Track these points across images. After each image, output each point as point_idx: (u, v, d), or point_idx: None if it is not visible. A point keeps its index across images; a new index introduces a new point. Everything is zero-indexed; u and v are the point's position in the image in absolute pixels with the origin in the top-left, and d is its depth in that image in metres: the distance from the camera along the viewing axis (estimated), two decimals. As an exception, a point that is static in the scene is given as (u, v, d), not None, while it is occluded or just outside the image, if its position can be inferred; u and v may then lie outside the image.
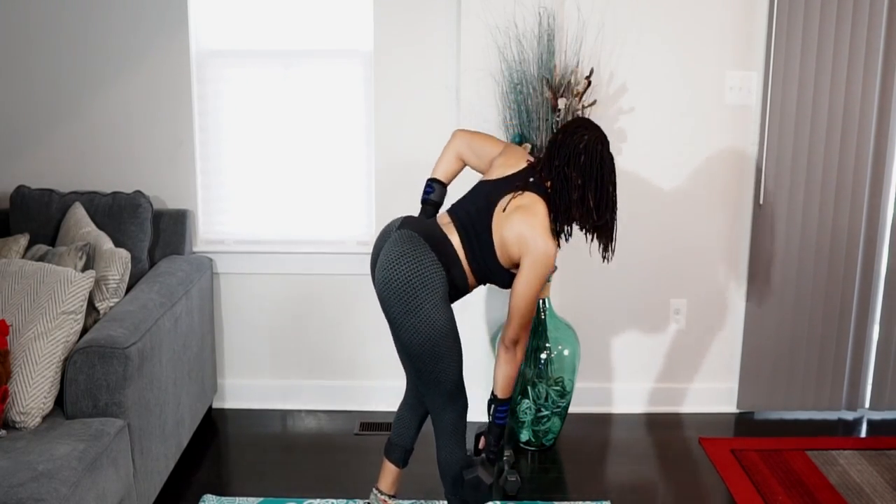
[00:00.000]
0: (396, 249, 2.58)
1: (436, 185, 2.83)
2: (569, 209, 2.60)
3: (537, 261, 2.52)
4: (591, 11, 3.54)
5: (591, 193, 2.59)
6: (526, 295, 2.55)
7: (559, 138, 2.62)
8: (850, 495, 3.23)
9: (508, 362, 2.63)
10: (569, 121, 2.70)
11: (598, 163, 2.59)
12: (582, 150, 2.58)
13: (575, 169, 2.57)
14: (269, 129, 3.77)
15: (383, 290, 2.58)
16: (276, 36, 3.69)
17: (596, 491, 3.30)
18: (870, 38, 3.56)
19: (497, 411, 2.67)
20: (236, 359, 3.92)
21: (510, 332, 2.60)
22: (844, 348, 3.82)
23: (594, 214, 2.62)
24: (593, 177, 2.59)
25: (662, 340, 3.91)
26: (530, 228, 2.53)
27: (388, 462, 2.96)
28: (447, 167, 2.85)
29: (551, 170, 2.60)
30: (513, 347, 2.62)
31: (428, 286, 2.53)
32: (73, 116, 3.70)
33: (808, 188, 3.68)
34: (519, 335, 2.60)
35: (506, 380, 2.65)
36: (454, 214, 2.69)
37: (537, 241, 2.52)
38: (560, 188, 2.59)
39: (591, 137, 2.60)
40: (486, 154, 2.79)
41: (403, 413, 2.96)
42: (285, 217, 3.84)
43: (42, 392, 2.67)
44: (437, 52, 3.64)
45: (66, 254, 3.10)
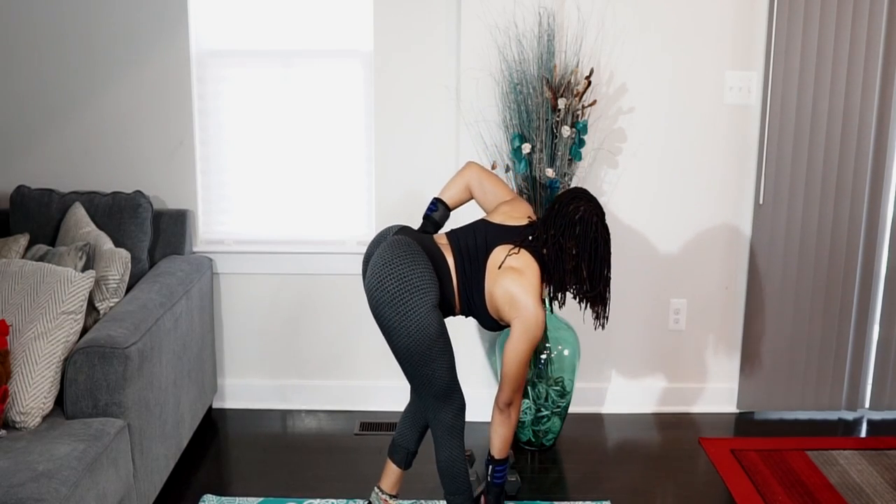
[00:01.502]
0: (392, 252, 2.59)
1: (440, 206, 2.87)
2: (562, 278, 2.64)
3: (528, 326, 2.57)
4: (591, 11, 3.54)
5: (585, 264, 2.63)
6: (516, 360, 2.60)
7: (556, 207, 2.66)
8: (850, 495, 3.23)
9: (503, 424, 2.70)
10: (565, 190, 2.75)
11: (592, 235, 2.62)
12: (577, 220, 2.61)
13: (570, 239, 2.61)
14: (269, 129, 3.77)
15: (375, 292, 2.58)
16: (276, 36, 3.69)
17: (596, 491, 3.30)
18: (870, 38, 3.56)
19: (495, 471, 2.75)
20: (236, 359, 3.92)
21: (503, 395, 2.66)
22: (844, 348, 3.83)
23: (587, 285, 2.65)
24: (587, 249, 2.62)
25: (662, 340, 3.91)
26: (523, 292, 2.57)
27: (391, 462, 2.97)
28: (455, 193, 2.89)
29: (547, 238, 2.63)
30: (507, 409, 2.69)
31: (421, 291, 2.54)
32: (73, 116, 3.70)
33: (808, 188, 3.68)
34: (512, 398, 2.67)
35: (502, 441, 2.72)
36: (452, 239, 2.73)
37: (529, 307, 2.56)
38: (555, 257, 2.62)
39: (586, 209, 2.63)
40: (494, 195, 2.84)
41: (408, 415, 2.97)
42: (285, 217, 3.84)
43: (42, 392, 2.67)
44: (437, 52, 3.64)
45: (66, 254, 3.10)
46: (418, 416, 2.94)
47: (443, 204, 2.86)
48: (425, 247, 2.64)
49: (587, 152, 3.57)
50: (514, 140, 3.42)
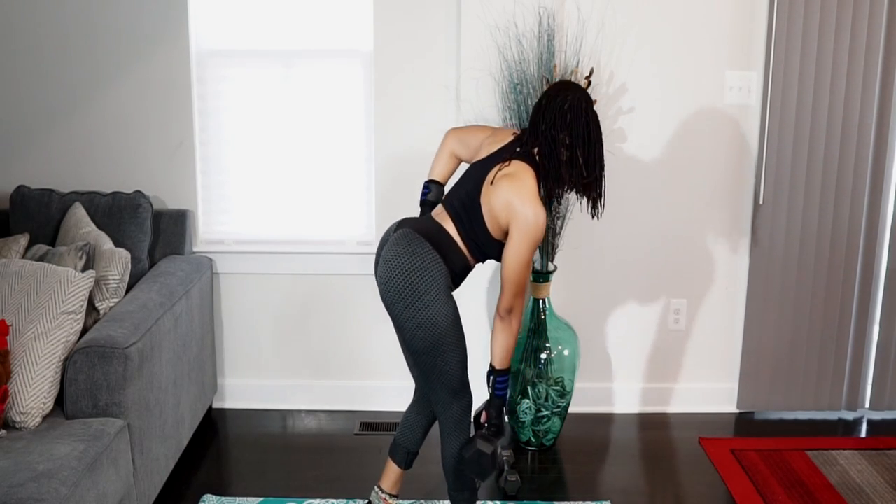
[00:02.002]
0: (393, 249, 2.60)
1: (432, 186, 2.88)
2: (558, 170, 2.60)
3: (526, 227, 2.52)
4: (591, 11, 3.54)
5: (581, 150, 2.60)
6: (517, 263, 2.55)
7: (543, 103, 2.63)
8: (850, 495, 3.23)
9: (504, 331, 2.62)
10: (551, 85, 2.71)
11: (584, 120, 2.60)
12: (567, 109, 2.59)
13: (562, 129, 2.58)
14: (270, 129, 3.77)
15: (385, 290, 2.60)
16: (276, 36, 3.69)
17: (596, 491, 3.30)
18: (870, 38, 3.56)
19: (497, 383, 2.66)
20: (236, 359, 3.92)
21: (504, 301, 2.59)
22: (844, 348, 3.83)
23: (584, 171, 2.62)
24: (580, 134, 2.59)
25: (662, 340, 3.91)
26: (517, 195, 2.53)
27: (392, 462, 2.96)
28: (442, 167, 2.89)
29: (538, 134, 2.61)
30: (508, 316, 2.61)
31: (427, 279, 2.54)
32: (72, 116, 3.70)
33: (808, 188, 3.68)
34: (513, 304, 2.59)
35: (503, 350, 2.64)
36: (447, 203, 2.71)
37: (525, 208, 2.52)
38: (549, 151, 2.60)
39: (574, 97, 2.61)
40: (475, 142, 2.82)
41: (410, 415, 2.96)
42: (285, 217, 3.84)
43: (42, 392, 2.67)
44: (437, 52, 3.64)
45: (66, 254, 3.10)
46: (421, 417, 2.94)
47: (434, 183, 2.86)
48: (423, 230, 2.63)
49: (587, 152, 3.57)
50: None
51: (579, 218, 3.62)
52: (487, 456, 2.61)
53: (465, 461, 2.64)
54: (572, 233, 3.67)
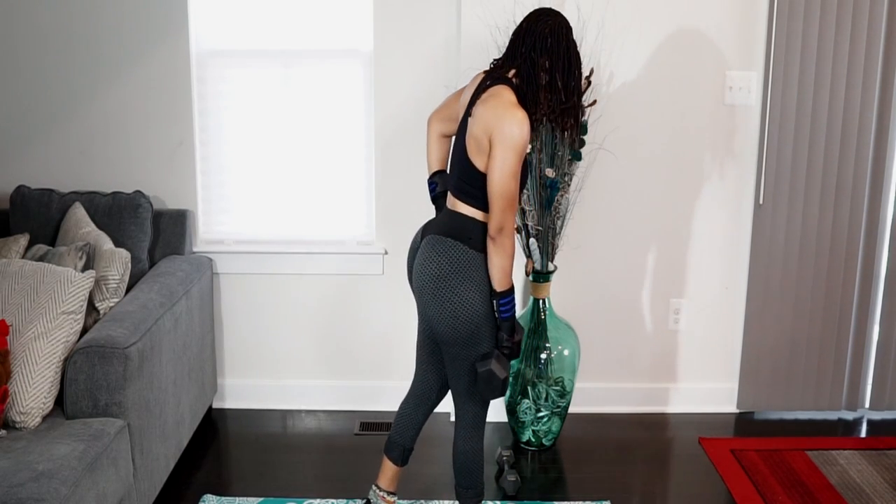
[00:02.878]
0: (423, 257, 2.64)
1: (436, 178, 2.86)
2: (536, 94, 2.59)
3: (510, 134, 2.47)
4: (591, 11, 3.53)
5: (560, 74, 2.59)
6: (503, 174, 2.49)
7: (523, 26, 2.63)
8: (850, 495, 3.23)
9: (497, 253, 2.57)
10: (530, 12, 2.69)
11: (564, 44, 2.59)
12: (548, 33, 2.58)
13: (542, 53, 2.57)
14: (270, 128, 3.77)
15: (420, 295, 2.65)
16: (276, 36, 3.69)
17: (596, 491, 3.30)
18: (870, 39, 3.56)
19: (501, 305, 2.62)
20: (236, 359, 3.92)
21: (494, 220, 2.54)
22: (844, 348, 3.82)
23: (562, 95, 2.60)
24: (560, 58, 2.58)
25: (662, 340, 3.91)
26: (493, 108, 2.51)
27: (388, 460, 2.96)
28: (436, 153, 2.88)
29: (516, 57, 2.60)
30: (499, 236, 2.55)
31: (458, 272, 2.57)
32: (72, 116, 3.70)
33: (808, 188, 3.68)
34: (503, 221, 2.53)
35: (500, 272, 2.58)
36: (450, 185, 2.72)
37: (504, 116, 2.49)
38: (528, 74, 2.58)
39: (555, 22, 2.61)
40: (454, 110, 2.80)
41: (406, 410, 2.96)
42: (285, 217, 3.84)
43: (42, 392, 2.67)
44: (437, 52, 3.64)
45: (66, 254, 3.10)
46: (417, 413, 2.94)
47: (436, 174, 2.86)
48: (444, 229, 2.64)
49: (587, 152, 3.57)
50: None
51: (579, 218, 3.62)
52: (499, 378, 2.61)
53: (478, 376, 2.63)
54: (572, 233, 3.66)
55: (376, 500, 2.97)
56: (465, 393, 2.70)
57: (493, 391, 2.63)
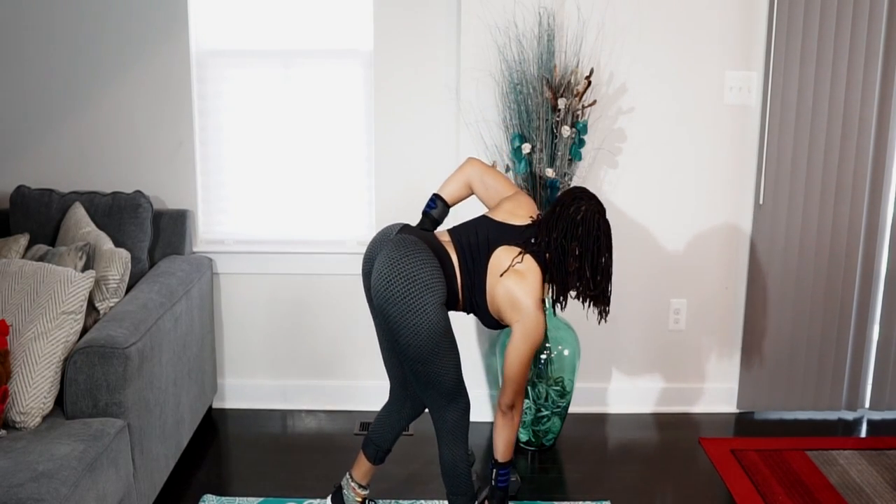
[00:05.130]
0: (399, 251, 2.58)
1: (439, 203, 2.85)
2: (565, 279, 2.64)
3: (530, 331, 2.58)
4: (591, 11, 3.54)
5: (588, 263, 2.63)
6: (518, 362, 2.62)
7: (557, 210, 2.66)
8: (850, 495, 3.23)
9: (506, 427, 2.70)
10: (566, 191, 2.73)
11: (594, 234, 2.62)
12: (580, 221, 2.61)
13: (573, 240, 2.61)
14: (270, 129, 3.77)
15: (383, 292, 2.56)
16: (276, 36, 3.69)
17: (596, 491, 3.30)
18: (870, 38, 3.56)
19: (499, 475, 2.75)
20: (236, 359, 3.92)
21: (505, 398, 2.66)
22: (844, 348, 3.83)
23: (591, 284, 2.65)
24: (590, 248, 2.62)
25: (662, 340, 3.91)
26: (524, 295, 2.59)
27: (363, 455, 2.97)
28: (454, 190, 2.87)
29: (549, 242, 2.63)
30: (509, 412, 2.69)
31: (431, 288, 2.54)
32: (73, 116, 3.70)
33: (808, 188, 3.68)
34: (514, 400, 2.67)
35: (505, 444, 2.72)
36: (454, 236, 2.73)
37: (530, 311, 2.58)
38: (558, 260, 2.62)
39: (588, 208, 2.63)
40: (496, 191, 2.83)
41: (383, 415, 2.96)
42: (285, 217, 3.84)
43: (42, 392, 2.67)
44: (437, 52, 3.64)
45: (66, 254, 3.10)
46: (395, 418, 2.94)
47: (442, 201, 2.85)
48: (431, 244, 2.64)
49: (587, 152, 3.57)
50: (514, 140, 3.42)
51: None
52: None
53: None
54: (572, 233, 3.66)
55: (348, 489, 2.97)
56: (436, 405, 2.69)
57: None
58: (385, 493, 3.21)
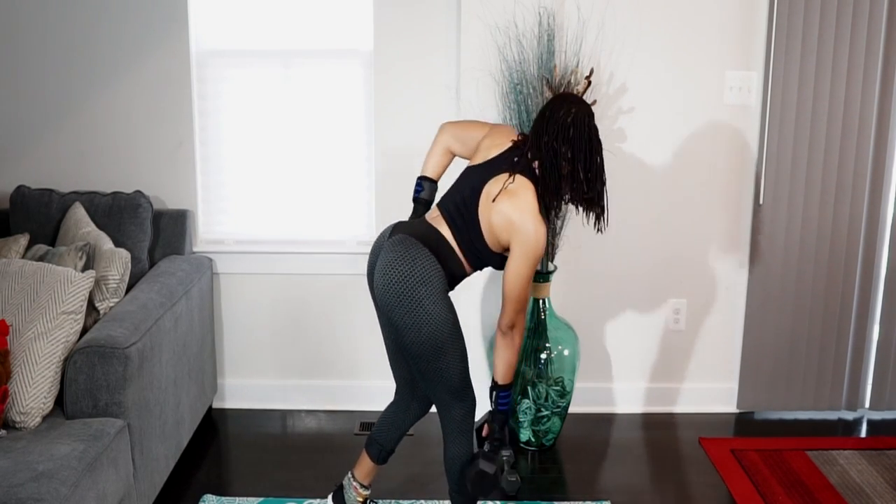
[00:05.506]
0: (391, 255, 2.59)
1: (425, 183, 2.86)
2: (559, 184, 2.59)
3: (527, 245, 2.52)
4: (591, 11, 3.54)
5: (582, 165, 2.58)
6: (518, 280, 2.55)
7: (546, 114, 2.62)
8: (850, 495, 3.23)
9: (507, 347, 2.62)
10: (553, 97, 2.70)
11: (586, 135, 2.59)
12: (570, 123, 2.57)
13: (564, 143, 2.57)
14: (269, 128, 3.77)
15: (383, 295, 2.58)
16: (276, 36, 3.69)
17: (596, 491, 3.30)
18: (870, 38, 3.56)
19: (499, 398, 2.66)
20: (236, 359, 3.92)
21: (506, 317, 2.59)
22: (844, 348, 3.82)
23: (585, 186, 2.61)
24: (583, 149, 2.58)
25: (662, 340, 3.91)
26: (519, 213, 2.53)
27: (366, 454, 2.96)
28: (436, 163, 2.87)
29: (540, 147, 2.59)
30: (510, 332, 2.61)
31: (426, 282, 2.54)
32: (73, 116, 3.70)
33: (808, 188, 3.68)
34: (514, 320, 2.59)
35: (505, 366, 2.64)
36: (443, 207, 2.70)
37: (527, 226, 2.52)
38: (550, 165, 2.58)
39: (577, 111, 2.60)
40: (472, 140, 2.79)
41: (389, 414, 2.95)
42: (285, 217, 3.84)
43: (42, 392, 2.67)
44: (437, 52, 3.64)
45: (66, 254, 3.10)
46: (401, 417, 2.93)
47: (427, 181, 2.85)
48: (420, 234, 2.62)
49: (587, 152, 3.57)
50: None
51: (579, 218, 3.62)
52: (490, 476, 2.61)
53: (468, 480, 2.64)
54: (572, 233, 3.66)
55: (349, 488, 2.97)
56: (442, 402, 2.68)
57: (486, 490, 2.63)
58: (385, 493, 3.21)
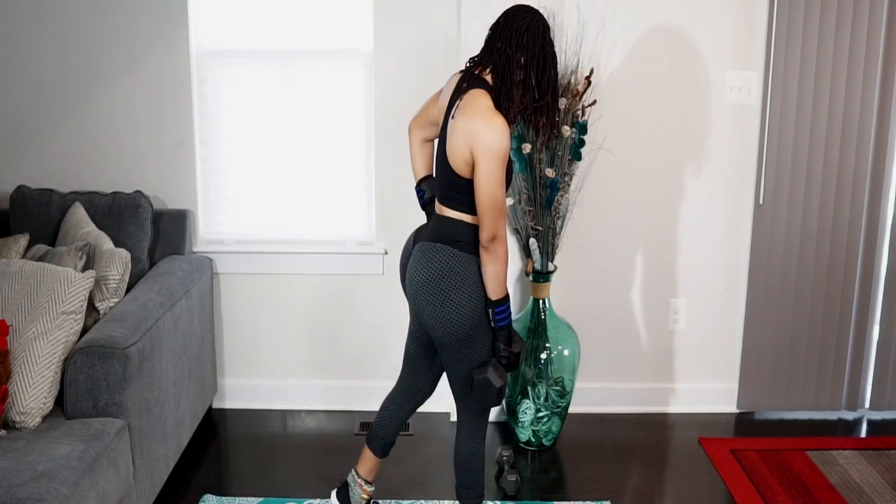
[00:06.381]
0: (415, 265, 2.65)
1: (424, 185, 2.87)
2: (510, 90, 2.57)
3: (491, 143, 2.47)
4: (591, 11, 3.54)
5: (534, 72, 2.57)
6: (489, 183, 2.49)
7: (501, 21, 2.62)
8: (850, 495, 3.23)
9: (492, 261, 2.56)
10: (510, 7, 2.69)
11: (539, 42, 2.58)
12: (525, 30, 2.57)
13: (518, 48, 2.56)
14: (269, 128, 3.77)
15: (414, 302, 2.67)
16: (276, 36, 3.69)
17: (596, 491, 3.30)
18: (870, 38, 3.56)
19: (497, 314, 2.62)
20: (236, 359, 3.92)
21: (486, 230, 2.53)
22: (844, 348, 3.83)
23: (535, 93, 2.59)
24: (536, 55, 2.57)
25: (662, 340, 3.91)
26: (473, 116, 2.50)
27: (369, 450, 2.97)
28: (420, 160, 2.89)
29: (493, 52, 2.59)
30: (492, 245, 2.55)
31: (449, 275, 2.57)
32: (73, 117, 3.70)
33: (808, 188, 3.68)
34: (495, 230, 2.53)
35: (494, 279, 2.58)
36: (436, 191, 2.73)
37: (484, 126, 2.48)
38: (503, 70, 2.57)
39: (532, 19, 2.60)
40: (434, 115, 2.80)
41: (390, 405, 2.97)
42: (285, 217, 3.84)
43: (42, 392, 2.67)
44: (437, 53, 3.63)
45: (66, 254, 3.10)
46: (400, 409, 2.95)
47: (423, 181, 2.87)
48: (434, 234, 2.65)
49: (587, 152, 3.57)
50: (514, 140, 3.42)
51: (579, 218, 3.63)
52: (494, 387, 2.60)
53: (474, 384, 2.62)
54: (572, 233, 3.67)
55: (354, 485, 2.98)
56: (463, 394, 2.70)
57: (489, 399, 2.63)
58: (385, 493, 3.21)
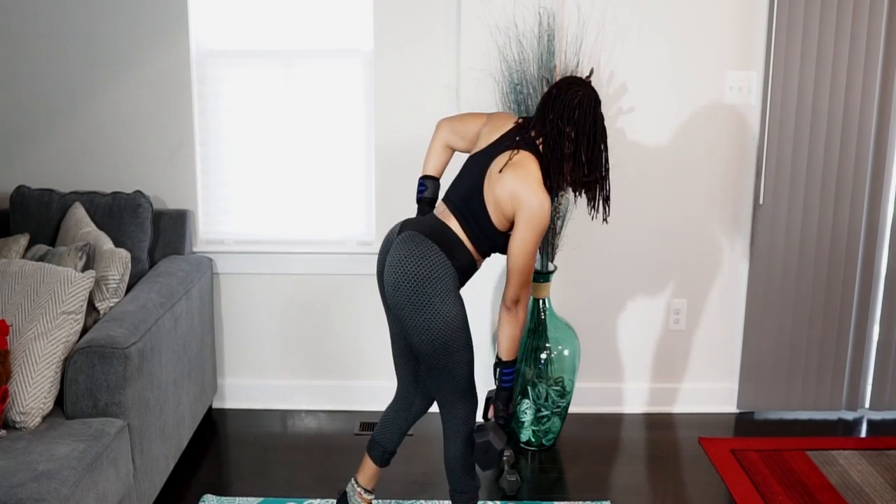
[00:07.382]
0: (400, 253, 2.59)
1: (428, 182, 2.85)
2: (561, 164, 2.59)
3: (532, 215, 2.52)
4: (591, 11, 3.54)
5: (584, 148, 2.59)
6: (523, 252, 2.55)
7: (553, 93, 2.63)
8: (850, 495, 3.23)
9: (510, 323, 2.62)
10: (562, 78, 2.71)
11: (591, 118, 2.60)
12: (577, 104, 2.58)
13: (569, 123, 2.58)
14: (269, 129, 3.77)
15: (393, 294, 2.59)
16: (276, 36, 3.69)
17: (596, 491, 3.30)
18: (870, 38, 3.56)
19: (503, 374, 2.66)
20: (236, 359, 3.92)
21: (510, 291, 2.59)
22: (844, 348, 3.83)
23: (585, 169, 2.61)
24: (586, 132, 2.59)
25: (662, 340, 3.91)
26: (522, 184, 2.53)
27: (369, 458, 2.96)
28: (436, 160, 2.87)
29: (545, 124, 2.60)
30: (514, 307, 2.61)
31: (435, 280, 2.54)
32: (73, 116, 3.70)
33: (808, 188, 3.68)
34: (519, 294, 2.59)
35: (509, 341, 2.64)
36: (448, 200, 2.70)
37: (530, 196, 2.52)
38: (553, 143, 2.59)
39: (584, 94, 2.61)
40: (470, 132, 2.79)
41: (390, 414, 2.95)
42: (285, 217, 3.84)
43: (42, 392, 2.67)
44: (437, 52, 3.64)
45: (66, 254, 3.10)
46: (400, 418, 2.93)
47: (429, 179, 2.85)
48: (428, 231, 2.62)
49: (587, 152, 3.57)
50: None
51: (579, 218, 3.62)
52: (495, 450, 2.62)
53: (475, 446, 2.64)
54: (572, 233, 3.67)
55: (353, 493, 2.96)
56: (447, 401, 2.69)
57: (490, 462, 2.65)
58: (386, 493, 3.21)
